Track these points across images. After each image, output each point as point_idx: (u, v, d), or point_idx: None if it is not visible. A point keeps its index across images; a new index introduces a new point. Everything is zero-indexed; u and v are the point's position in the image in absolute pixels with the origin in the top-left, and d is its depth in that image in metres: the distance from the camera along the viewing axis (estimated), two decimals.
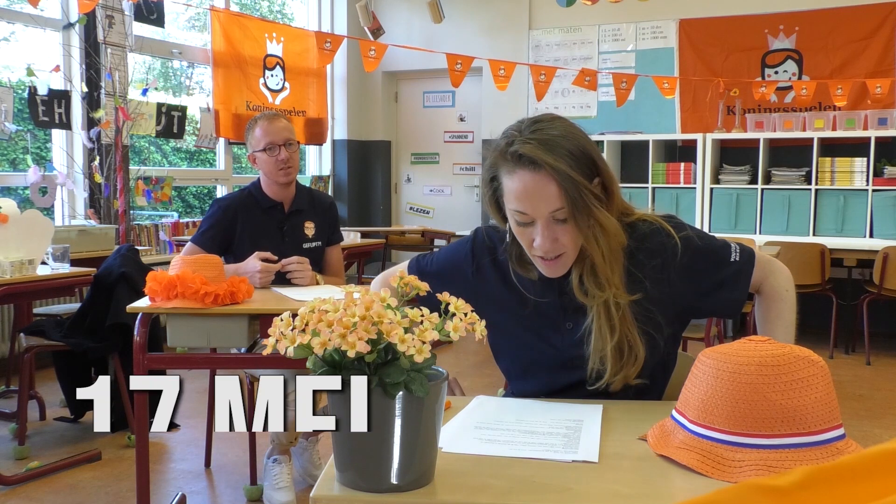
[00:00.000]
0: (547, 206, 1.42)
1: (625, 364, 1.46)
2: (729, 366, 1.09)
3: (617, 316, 1.46)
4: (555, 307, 1.55)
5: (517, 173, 1.43)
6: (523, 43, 7.26)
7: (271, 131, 2.96)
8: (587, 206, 1.42)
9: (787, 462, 1.03)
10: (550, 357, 1.55)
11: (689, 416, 1.13)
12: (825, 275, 5.30)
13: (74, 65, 5.22)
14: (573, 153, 1.42)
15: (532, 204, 1.42)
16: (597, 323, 1.47)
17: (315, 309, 0.98)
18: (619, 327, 1.46)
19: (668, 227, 1.54)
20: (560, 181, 1.40)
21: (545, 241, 1.44)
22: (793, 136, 6.15)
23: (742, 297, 1.57)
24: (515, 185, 1.43)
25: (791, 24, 6.37)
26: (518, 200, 1.44)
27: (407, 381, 0.95)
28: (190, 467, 3.33)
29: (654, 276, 1.51)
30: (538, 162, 1.40)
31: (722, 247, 1.58)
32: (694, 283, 1.54)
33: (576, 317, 1.52)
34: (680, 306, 1.55)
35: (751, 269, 1.57)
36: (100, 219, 5.25)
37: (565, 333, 1.54)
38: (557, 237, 1.45)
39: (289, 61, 6.97)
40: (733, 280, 1.55)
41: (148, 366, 2.44)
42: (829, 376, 1.09)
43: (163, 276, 2.41)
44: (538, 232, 1.44)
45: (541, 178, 1.41)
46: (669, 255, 1.52)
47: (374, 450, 0.97)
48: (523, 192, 1.42)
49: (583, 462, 1.12)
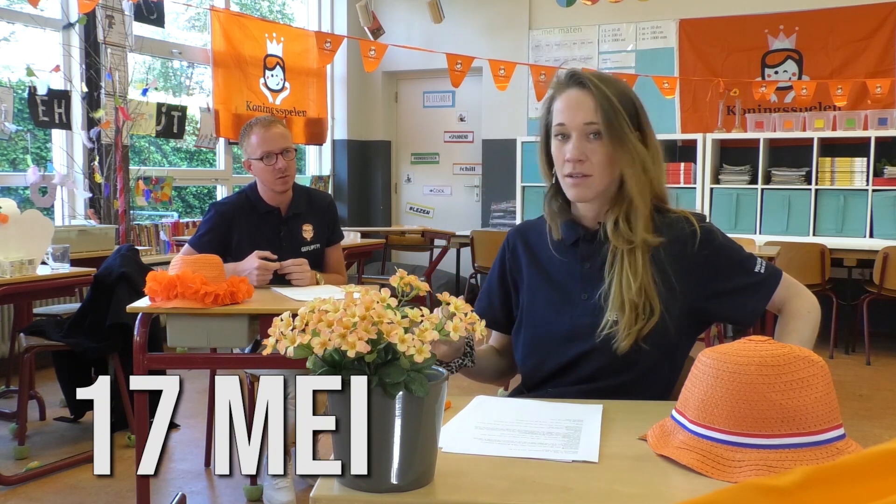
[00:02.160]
0: (583, 116, 1.53)
1: (638, 317, 1.50)
2: (729, 366, 1.09)
3: (641, 260, 1.52)
4: (574, 276, 1.60)
5: (566, 91, 1.57)
6: (523, 43, 7.26)
7: (268, 139, 2.91)
8: (621, 130, 1.52)
9: (787, 462, 1.03)
10: (561, 327, 1.59)
11: (688, 416, 1.13)
12: (825, 275, 5.30)
13: (74, 65, 5.21)
14: (621, 94, 1.55)
15: (570, 114, 1.54)
16: (620, 269, 1.53)
17: (315, 309, 0.98)
18: (642, 273, 1.51)
19: (692, 218, 1.60)
20: (599, 99, 1.52)
21: (575, 151, 1.53)
22: (793, 136, 6.15)
23: (760, 306, 1.59)
24: (562, 102, 1.57)
25: (791, 24, 6.37)
26: (560, 113, 1.56)
27: (407, 381, 0.95)
28: (190, 467, 3.33)
29: (672, 258, 1.55)
30: (585, 82, 1.55)
31: (748, 257, 1.61)
32: (709, 279, 1.57)
33: (592, 287, 1.57)
34: (693, 299, 1.57)
35: (775, 284, 1.60)
36: (100, 219, 5.25)
37: (579, 304, 1.59)
38: (588, 155, 1.53)
39: (289, 61, 6.97)
40: (754, 290, 1.58)
41: (148, 366, 2.44)
42: (829, 376, 1.09)
43: (163, 276, 2.41)
44: (571, 143, 1.54)
45: (584, 94, 1.54)
46: (688, 242, 1.56)
47: (374, 450, 0.97)
48: (566, 104, 1.55)
49: (583, 462, 1.12)
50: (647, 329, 1.50)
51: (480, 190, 7.65)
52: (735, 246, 1.62)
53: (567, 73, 1.59)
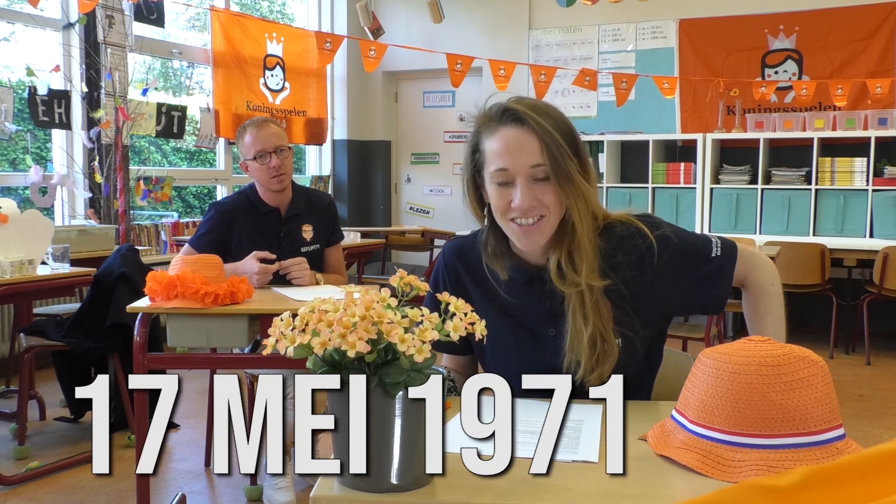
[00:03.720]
0: (528, 159, 1.40)
1: (598, 359, 1.43)
2: (729, 366, 1.09)
3: (590, 303, 1.43)
4: (536, 314, 1.52)
5: (500, 131, 1.42)
6: (523, 43, 7.26)
7: (261, 138, 2.90)
8: (568, 169, 1.40)
9: (788, 462, 1.03)
10: (535, 366, 1.50)
11: (689, 417, 1.13)
12: (825, 275, 5.30)
13: (74, 65, 5.21)
14: (559, 123, 1.42)
15: (513, 157, 1.40)
16: (571, 314, 1.44)
17: (315, 309, 0.98)
18: (593, 317, 1.43)
19: (644, 228, 1.50)
20: (542, 137, 1.39)
21: (524, 199, 1.40)
22: (793, 136, 6.15)
23: (724, 293, 1.55)
24: (497, 142, 1.42)
25: (791, 24, 6.37)
26: (499, 156, 1.41)
27: (407, 381, 0.95)
28: (190, 467, 3.33)
29: (631, 278, 1.48)
30: (523, 118, 1.40)
31: (703, 244, 1.55)
32: (674, 282, 1.51)
33: (558, 323, 1.49)
34: (661, 306, 1.54)
35: (733, 264, 1.55)
36: (100, 219, 5.25)
37: (547, 341, 1.51)
38: (538, 197, 1.41)
39: (289, 61, 6.96)
40: (715, 276, 1.53)
41: (148, 366, 2.44)
42: (829, 376, 1.09)
43: (163, 276, 2.41)
44: (518, 190, 1.41)
45: (523, 133, 1.40)
46: (646, 256, 1.49)
47: (375, 450, 0.96)
48: (504, 146, 1.41)
49: (583, 462, 1.12)
50: (608, 370, 1.43)
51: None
52: (688, 239, 1.54)
53: (500, 109, 1.43)
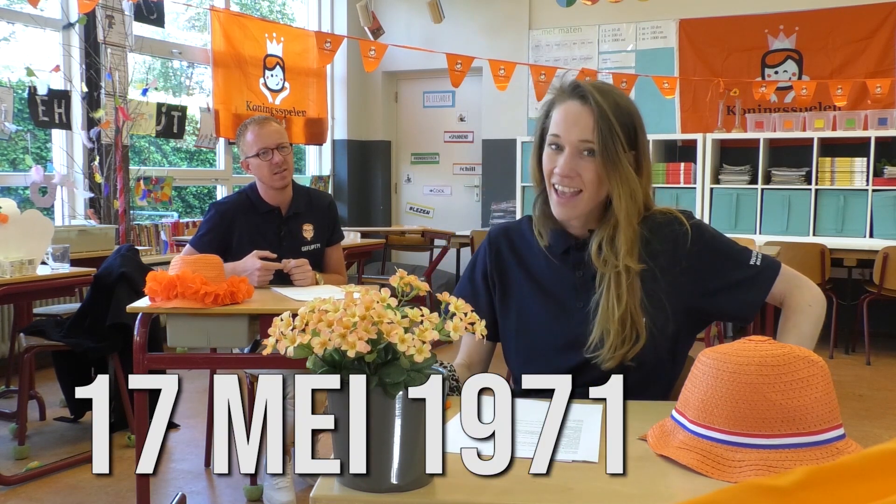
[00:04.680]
0: (580, 133, 1.51)
1: (625, 341, 1.49)
2: (729, 366, 1.09)
3: (626, 285, 1.50)
4: (567, 285, 1.59)
5: (566, 103, 1.54)
6: (523, 43, 7.26)
7: (263, 136, 2.92)
8: (616, 152, 1.50)
9: (788, 462, 1.03)
10: (557, 336, 1.57)
11: (688, 416, 1.13)
12: (825, 275, 5.30)
13: (74, 65, 5.21)
14: (620, 109, 1.52)
15: (566, 128, 1.52)
16: (605, 294, 1.51)
17: (315, 309, 0.98)
18: (626, 299, 1.49)
19: (681, 217, 1.58)
20: (598, 117, 1.49)
21: (566, 166, 1.51)
22: (793, 136, 6.15)
23: (758, 300, 1.57)
24: (560, 112, 1.54)
25: (791, 24, 6.37)
26: (557, 124, 1.54)
27: (407, 380, 0.95)
28: (190, 467, 3.33)
29: (666, 264, 1.54)
30: (586, 95, 1.51)
31: (741, 250, 1.59)
32: (704, 275, 1.55)
33: (586, 294, 1.56)
34: (689, 298, 1.56)
35: (771, 277, 1.57)
36: (100, 219, 5.25)
37: (574, 313, 1.57)
38: (579, 171, 1.51)
39: (289, 61, 6.96)
40: (748, 283, 1.56)
41: (148, 366, 2.44)
42: (829, 376, 1.09)
43: (163, 276, 2.41)
44: (563, 157, 1.52)
45: (584, 109, 1.51)
46: (680, 242, 1.55)
47: (374, 450, 0.96)
48: (564, 117, 1.53)
49: (583, 462, 1.12)
50: (631, 353, 1.49)
51: (480, 190, 7.65)
52: (726, 240, 1.61)
53: (570, 84, 1.56)
